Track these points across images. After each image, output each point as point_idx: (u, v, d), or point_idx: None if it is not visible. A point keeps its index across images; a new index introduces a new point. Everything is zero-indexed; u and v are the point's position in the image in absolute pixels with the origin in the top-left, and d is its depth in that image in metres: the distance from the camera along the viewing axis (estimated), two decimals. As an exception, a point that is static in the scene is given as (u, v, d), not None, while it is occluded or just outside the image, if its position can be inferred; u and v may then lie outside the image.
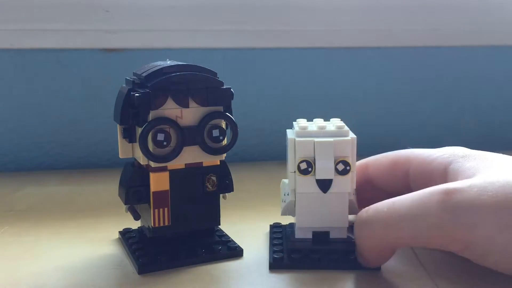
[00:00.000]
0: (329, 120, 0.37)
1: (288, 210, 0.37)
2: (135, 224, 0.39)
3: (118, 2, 0.59)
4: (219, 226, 0.38)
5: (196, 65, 0.35)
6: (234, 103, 0.37)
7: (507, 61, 0.71)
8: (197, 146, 0.35)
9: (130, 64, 0.63)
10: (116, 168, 0.39)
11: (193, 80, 0.34)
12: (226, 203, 0.38)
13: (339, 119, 0.37)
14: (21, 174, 0.58)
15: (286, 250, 0.36)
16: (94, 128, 0.61)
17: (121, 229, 0.40)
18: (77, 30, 0.58)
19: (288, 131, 0.37)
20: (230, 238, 0.38)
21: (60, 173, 0.58)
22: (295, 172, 0.35)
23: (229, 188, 0.37)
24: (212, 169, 0.36)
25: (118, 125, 0.35)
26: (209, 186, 0.36)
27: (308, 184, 0.35)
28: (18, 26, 0.58)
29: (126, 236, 0.39)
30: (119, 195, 0.37)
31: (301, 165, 0.34)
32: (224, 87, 0.35)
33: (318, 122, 0.37)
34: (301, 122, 0.37)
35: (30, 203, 0.48)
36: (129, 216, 0.37)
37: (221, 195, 0.37)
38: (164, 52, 0.62)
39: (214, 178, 0.36)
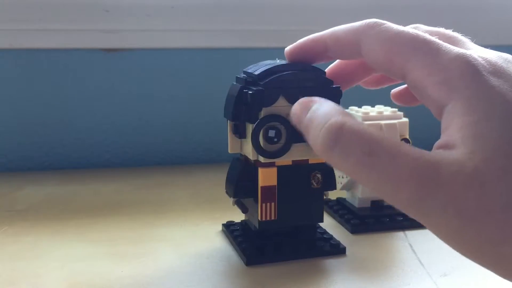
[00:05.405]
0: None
1: (349, 185, 0.43)
2: (238, 217, 0.40)
3: (118, 2, 0.59)
4: (319, 223, 0.39)
5: (306, 64, 0.36)
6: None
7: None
8: (304, 143, 0.35)
9: (130, 64, 0.63)
10: (116, 168, 0.39)
11: (304, 79, 0.35)
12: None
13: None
14: (21, 174, 0.58)
15: (368, 216, 0.41)
16: (94, 128, 0.61)
17: (120, 229, 0.40)
18: (77, 30, 0.58)
19: None
20: (331, 235, 0.39)
21: (60, 173, 0.58)
22: None
23: (332, 186, 0.38)
24: (317, 166, 0.37)
25: (228, 121, 0.36)
26: (314, 183, 0.37)
27: None
28: (18, 26, 0.58)
29: (230, 228, 0.40)
30: (226, 189, 0.38)
31: None
32: (334, 85, 0.36)
33: (367, 108, 0.44)
34: (354, 109, 0.44)
35: (30, 203, 0.48)
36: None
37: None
38: (164, 52, 0.62)
39: (319, 175, 0.37)
